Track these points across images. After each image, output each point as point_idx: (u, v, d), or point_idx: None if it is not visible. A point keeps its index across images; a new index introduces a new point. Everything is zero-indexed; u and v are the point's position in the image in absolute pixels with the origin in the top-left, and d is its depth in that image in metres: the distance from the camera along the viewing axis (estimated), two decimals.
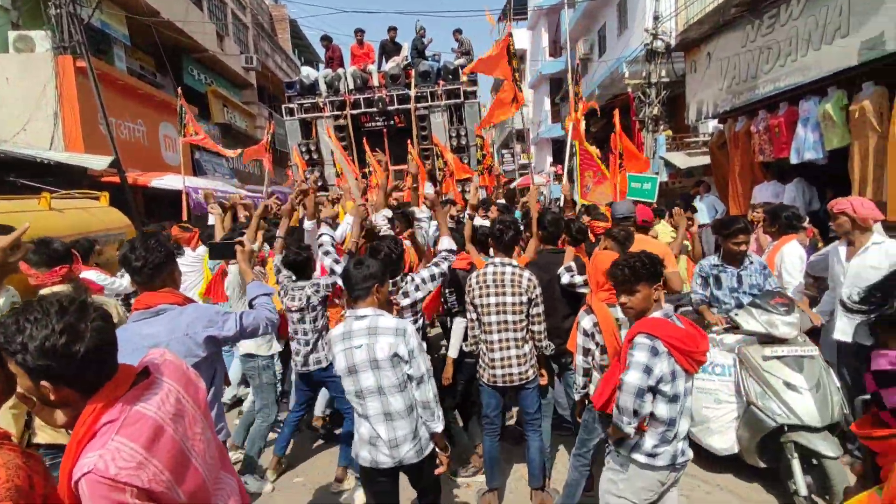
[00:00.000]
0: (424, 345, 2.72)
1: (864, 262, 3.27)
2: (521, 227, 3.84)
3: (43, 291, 2.68)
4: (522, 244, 4.18)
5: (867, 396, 1.02)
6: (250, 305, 2.37)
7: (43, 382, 1.15)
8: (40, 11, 9.36)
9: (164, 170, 11.19)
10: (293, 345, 3.68)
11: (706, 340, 2.17)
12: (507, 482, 3.59)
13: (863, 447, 0.68)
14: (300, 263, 3.61)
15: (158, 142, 12.13)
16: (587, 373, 2.84)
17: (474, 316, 3.26)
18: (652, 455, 2.14)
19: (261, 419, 3.82)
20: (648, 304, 2.18)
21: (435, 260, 3.25)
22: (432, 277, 3.15)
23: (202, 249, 5.08)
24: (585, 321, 2.83)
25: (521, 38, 27.84)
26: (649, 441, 2.14)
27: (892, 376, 0.68)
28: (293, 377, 4.23)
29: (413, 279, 3.13)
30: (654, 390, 2.10)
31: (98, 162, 8.28)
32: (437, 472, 2.51)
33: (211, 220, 6.28)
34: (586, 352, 2.82)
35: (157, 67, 13.79)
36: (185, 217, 7.57)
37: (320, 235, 3.44)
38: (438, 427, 2.38)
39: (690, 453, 2.24)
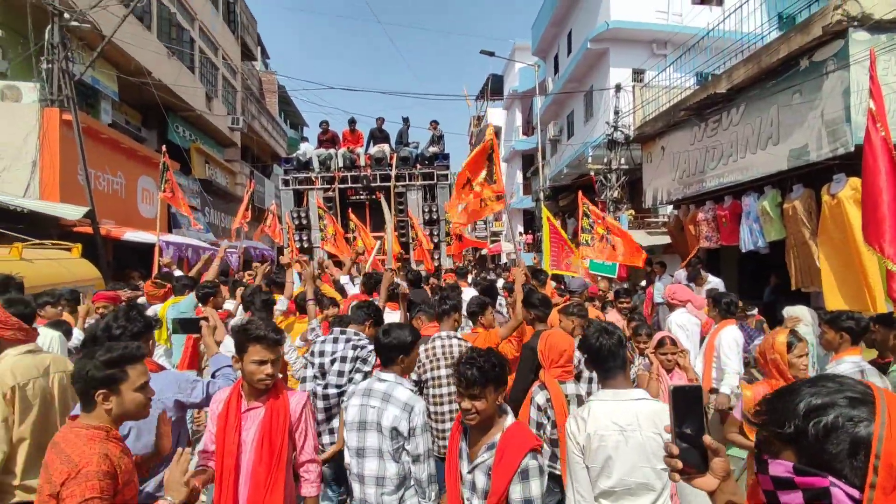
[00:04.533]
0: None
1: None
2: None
3: None
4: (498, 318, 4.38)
5: None
6: (213, 375, 2.54)
7: None
8: (31, 64, 9.64)
9: (139, 221, 11.30)
10: None
11: None
12: None
13: None
14: None
15: (136, 194, 12.23)
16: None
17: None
18: None
19: None
20: (494, 410, 2.06)
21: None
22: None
23: (157, 307, 5.08)
24: (539, 396, 2.99)
25: (498, 116, 29.68)
26: None
27: (788, 482, 0.79)
28: None
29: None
30: None
31: (72, 212, 8.31)
32: None
33: (178, 273, 6.73)
34: (539, 426, 2.98)
35: (142, 122, 14.11)
36: (154, 271, 7.60)
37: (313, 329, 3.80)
38: None
39: None
